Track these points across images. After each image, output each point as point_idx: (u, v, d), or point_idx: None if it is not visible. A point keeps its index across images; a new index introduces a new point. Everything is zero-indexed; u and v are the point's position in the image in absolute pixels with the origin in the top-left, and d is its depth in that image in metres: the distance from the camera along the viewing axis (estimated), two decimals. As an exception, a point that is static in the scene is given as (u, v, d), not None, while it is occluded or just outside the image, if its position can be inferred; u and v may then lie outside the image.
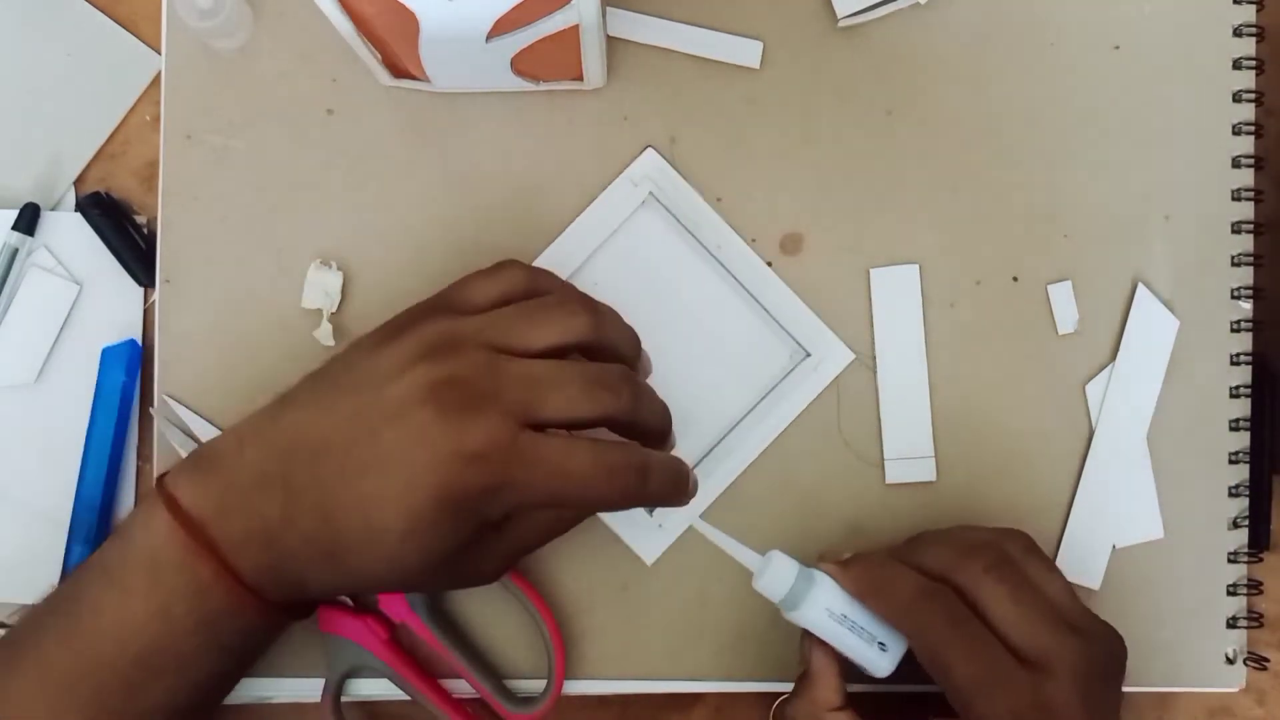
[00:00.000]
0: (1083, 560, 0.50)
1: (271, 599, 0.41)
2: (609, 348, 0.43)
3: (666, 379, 0.47)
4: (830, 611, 0.43)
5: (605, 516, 0.49)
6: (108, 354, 0.50)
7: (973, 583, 0.42)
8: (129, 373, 0.50)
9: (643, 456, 0.42)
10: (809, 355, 0.50)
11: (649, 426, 0.44)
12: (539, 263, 0.50)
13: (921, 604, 0.42)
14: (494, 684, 0.49)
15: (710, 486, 0.50)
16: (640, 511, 0.49)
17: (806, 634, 0.44)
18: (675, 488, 0.43)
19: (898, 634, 0.43)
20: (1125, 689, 0.50)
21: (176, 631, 0.40)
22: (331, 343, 0.50)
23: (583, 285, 0.50)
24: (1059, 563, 0.50)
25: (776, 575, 0.43)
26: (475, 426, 0.39)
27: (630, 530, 0.50)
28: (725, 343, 0.50)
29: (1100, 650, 0.42)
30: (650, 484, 0.42)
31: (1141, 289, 0.51)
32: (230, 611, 0.40)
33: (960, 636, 0.41)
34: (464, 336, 0.41)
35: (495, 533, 0.42)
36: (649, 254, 0.50)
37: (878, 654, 0.43)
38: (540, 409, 0.40)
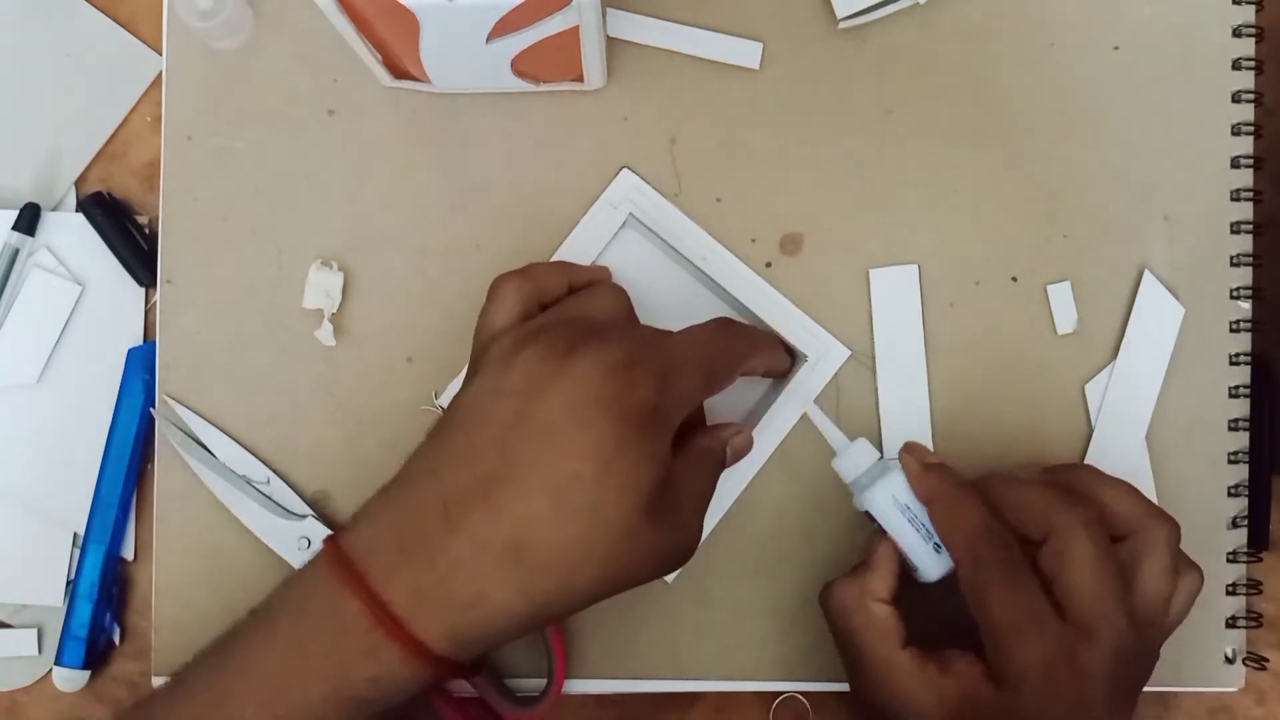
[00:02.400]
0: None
1: (425, 637, 0.37)
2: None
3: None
4: (896, 499, 0.45)
5: None
6: (133, 354, 0.50)
7: (1066, 530, 0.42)
8: (152, 372, 0.50)
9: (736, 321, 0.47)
10: (805, 358, 0.50)
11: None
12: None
13: (981, 542, 0.42)
14: (494, 683, 0.49)
15: (721, 499, 0.49)
16: None
17: (874, 529, 0.45)
18: (770, 336, 0.49)
19: None
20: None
21: (307, 673, 0.37)
22: (332, 342, 0.50)
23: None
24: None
25: (855, 457, 0.46)
26: (604, 344, 0.39)
27: None
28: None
29: (1146, 648, 0.42)
30: (757, 331, 0.48)
31: (1148, 276, 0.51)
32: (370, 651, 0.37)
33: (1008, 581, 0.41)
34: (537, 326, 0.41)
35: (669, 483, 0.40)
36: (636, 273, 0.50)
37: (931, 555, 0.44)
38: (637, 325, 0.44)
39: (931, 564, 0.44)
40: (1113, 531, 0.43)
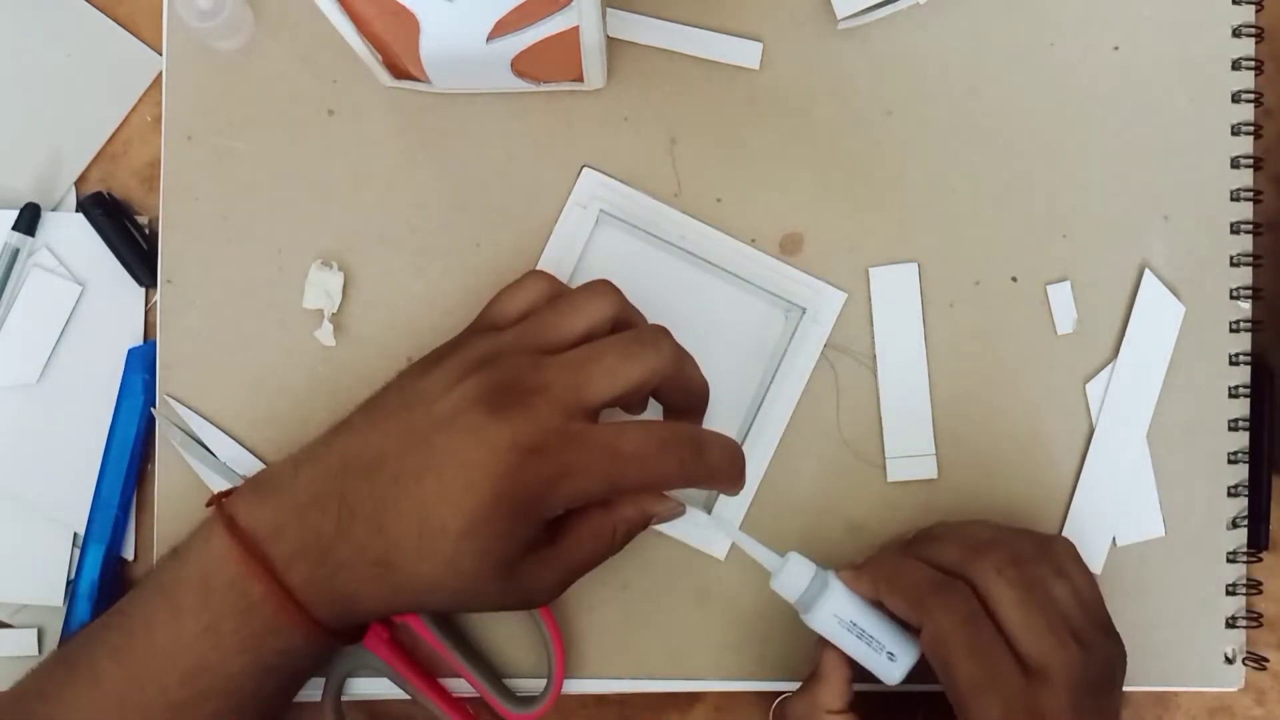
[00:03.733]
0: (1083, 554, 0.50)
1: (320, 618, 0.41)
2: (636, 322, 0.45)
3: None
4: (839, 619, 0.43)
5: (667, 527, 0.49)
6: (133, 354, 0.50)
7: (983, 581, 0.42)
8: (152, 372, 0.50)
9: (694, 429, 0.43)
10: (804, 311, 0.50)
11: (694, 385, 0.44)
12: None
13: (935, 596, 0.42)
14: (494, 683, 0.49)
15: (754, 467, 0.49)
16: (700, 512, 0.49)
17: (820, 638, 0.44)
18: (732, 462, 0.43)
19: (907, 645, 0.43)
20: (1124, 688, 0.50)
21: (223, 650, 0.40)
22: (332, 343, 0.50)
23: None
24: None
25: (792, 577, 0.44)
26: (527, 420, 0.40)
27: (692, 531, 0.50)
28: (723, 327, 0.50)
29: (1098, 662, 0.42)
30: (706, 456, 0.42)
31: (1148, 275, 0.51)
32: (276, 630, 0.41)
33: (968, 634, 0.41)
34: (504, 347, 0.42)
35: (549, 546, 0.42)
36: (621, 266, 0.50)
37: (887, 663, 0.43)
38: (586, 389, 0.41)
39: (891, 671, 0.43)
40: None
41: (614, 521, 0.43)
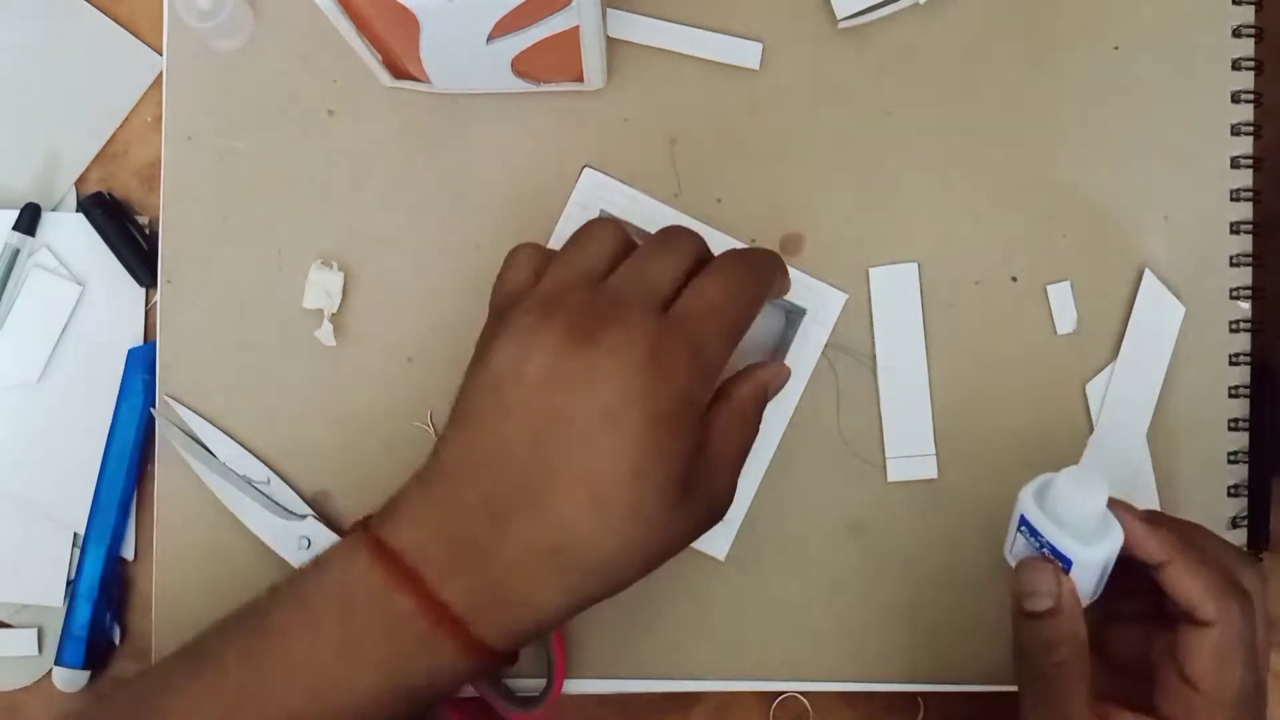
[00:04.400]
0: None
1: (478, 633, 0.38)
2: (639, 243, 0.44)
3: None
4: (1107, 566, 0.40)
5: None
6: (133, 354, 0.50)
7: (1257, 599, 0.41)
8: (152, 372, 0.50)
9: (730, 253, 0.43)
10: (805, 311, 0.50)
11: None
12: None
13: (1237, 595, 0.40)
14: (494, 683, 0.49)
15: (754, 468, 0.49)
16: None
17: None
18: (772, 256, 0.44)
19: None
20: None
21: (357, 667, 0.38)
22: (332, 343, 0.50)
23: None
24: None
25: (1084, 495, 0.39)
26: (623, 333, 0.38)
27: None
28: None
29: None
30: (757, 257, 0.43)
31: (1148, 275, 0.51)
32: (427, 646, 0.38)
33: (1253, 643, 0.40)
34: (552, 291, 0.41)
35: (704, 452, 0.40)
36: None
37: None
38: (648, 280, 0.40)
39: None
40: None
41: (741, 403, 0.42)
